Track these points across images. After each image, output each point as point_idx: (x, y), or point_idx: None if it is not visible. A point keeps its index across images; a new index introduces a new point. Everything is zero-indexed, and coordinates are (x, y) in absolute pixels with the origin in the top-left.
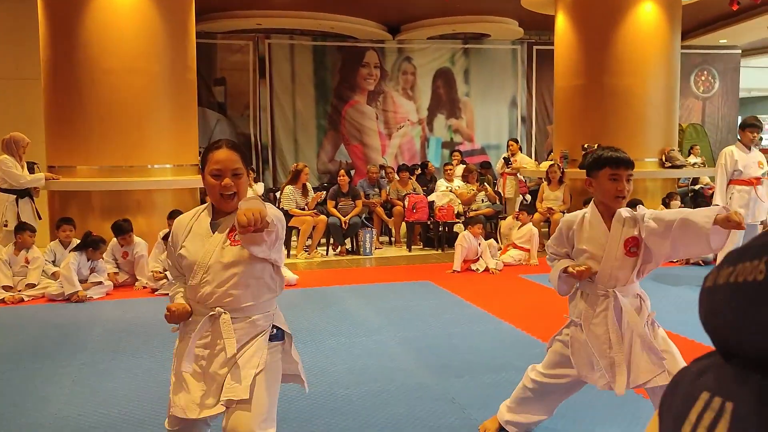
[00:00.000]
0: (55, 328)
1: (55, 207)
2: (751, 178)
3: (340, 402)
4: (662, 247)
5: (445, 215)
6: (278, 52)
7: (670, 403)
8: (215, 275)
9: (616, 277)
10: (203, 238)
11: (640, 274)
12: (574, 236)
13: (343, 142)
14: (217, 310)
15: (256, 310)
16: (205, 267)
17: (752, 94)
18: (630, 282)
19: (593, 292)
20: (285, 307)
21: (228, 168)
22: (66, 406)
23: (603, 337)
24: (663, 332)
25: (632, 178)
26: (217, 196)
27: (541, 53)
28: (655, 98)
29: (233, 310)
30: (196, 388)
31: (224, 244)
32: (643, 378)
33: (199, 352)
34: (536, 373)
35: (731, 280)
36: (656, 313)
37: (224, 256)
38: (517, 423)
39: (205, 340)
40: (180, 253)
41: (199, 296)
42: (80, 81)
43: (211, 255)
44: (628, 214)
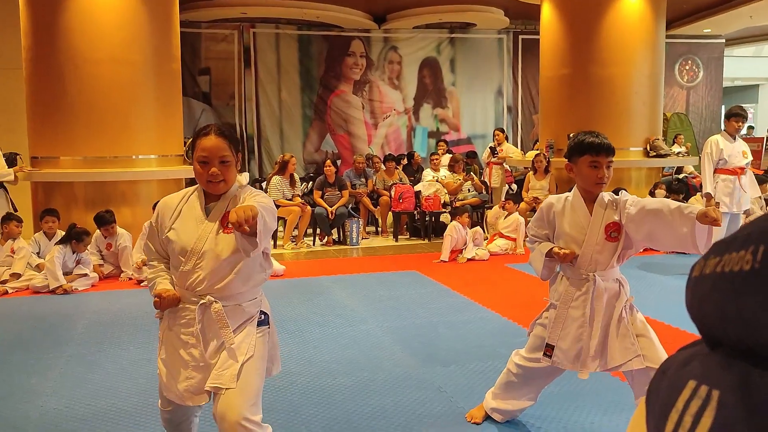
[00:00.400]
0: (41, 320)
1: (39, 198)
2: (735, 167)
3: (327, 391)
4: (638, 234)
5: (432, 205)
6: (263, 41)
7: (657, 391)
8: (208, 262)
9: (597, 261)
10: (196, 223)
11: (620, 260)
12: (555, 219)
13: (329, 132)
14: (208, 298)
15: (246, 297)
16: (198, 253)
17: (735, 84)
18: (610, 266)
19: (574, 276)
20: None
21: (215, 156)
22: (53, 399)
23: (580, 320)
24: (641, 317)
25: (612, 164)
26: (205, 182)
27: (527, 43)
28: (640, 87)
29: (223, 297)
30: (186, 375)
31: (218, 232)
32: (618, 361)
33: (189, 340)
34: (519, 357)
35: (718, 270)
36: (640, 300)
37: (218, 244)
38: (502, 410)
39: (195, 328)
40: (168, 236)
41: (189, 283)
42: (63, 70)
43: (204, 241)
44: (611, 198)
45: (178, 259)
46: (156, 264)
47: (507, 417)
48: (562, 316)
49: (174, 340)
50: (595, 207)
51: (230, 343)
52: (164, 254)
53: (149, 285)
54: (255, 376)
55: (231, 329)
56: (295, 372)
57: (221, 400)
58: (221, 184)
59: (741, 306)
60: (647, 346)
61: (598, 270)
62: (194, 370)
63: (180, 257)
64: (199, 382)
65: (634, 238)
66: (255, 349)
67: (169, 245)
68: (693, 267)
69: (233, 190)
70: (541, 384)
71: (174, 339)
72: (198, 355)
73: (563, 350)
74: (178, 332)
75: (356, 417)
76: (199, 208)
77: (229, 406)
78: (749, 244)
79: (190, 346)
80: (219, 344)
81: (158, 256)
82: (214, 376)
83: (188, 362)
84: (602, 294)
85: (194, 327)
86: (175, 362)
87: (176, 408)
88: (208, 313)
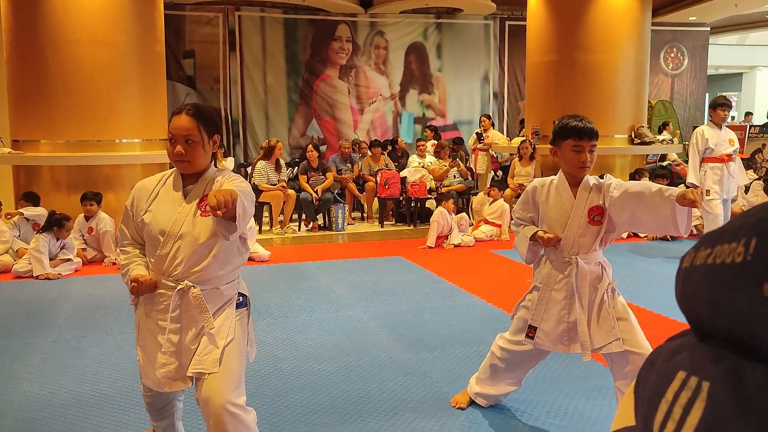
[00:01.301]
0: (24, 305)
1: (21, 182)
2: (722, 155)
3: (312, 377)
4: (620, 217)
5: (418, 191)
6: (248, 24)
7: (646, 381)
8: (186, 246)
9: (579, 244)
10: (174, 205)
11: (602, 243)
12: (539, 202)
13: (314, 117)
14: (185, 283)
15: (223, 280)
16: (175, 236)
17: (719, 72)
18: (593, 250)
19: (557, 259)
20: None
21: (180, 135)
22: (36, 384)
23: (563, 302)
24: (623, 300)
25: (596, 149)
26: (173, 161)
27: (514, 29)
28: (625, 75)
29: (200, 282)
30: (164, 362)
31: (195, 215)
32: (598, 343)
33: (166, 325)
34: (503, 340)
35: (708, 261)
36: (625, 286)
37: (196, 226)
38: (486, 395)
39: (173, 314)
40: (144, 218)
41: (166, 267)
42: (44, 52)
43: (181, 224)
44: (595, 182)
45: (155, 242)
46: (130, 250)
47: (491, 402)
48: (544, 298)
49: (151, 327)
50: (579, 191)
51: (210, 327)
52: (139, 239)
53: (123, 272)
54: (237, 360)
55: (210, 313)
56: (280, 357)
57: (204, 385)
58: (186, 164)
59: (732, 298)
60: (627, 329)
61: (580, 253)
62: (173, 356)
63: (158, 239)
64: (178, 368)
65: (617, 221)
66: (235, 331)
67: (145, 228)
68: (683, 258)
69: (211, 173)
70: (524, 368)
71: (151, 325)
72: (176, 341)
73: (545, 332)
74: (155, 318)
75: (341, 402)
76: (178, 189)
77: (213, 391)
78: (741, 236)
79: (168, 332)
80: (198, 329)
81: (132, 242)
82: (196, 362)
83: (166, 348)
84: (585, 277)
85: (172, 313)
86: (152, 349)
87: (157, 393)
88: (186, 299)
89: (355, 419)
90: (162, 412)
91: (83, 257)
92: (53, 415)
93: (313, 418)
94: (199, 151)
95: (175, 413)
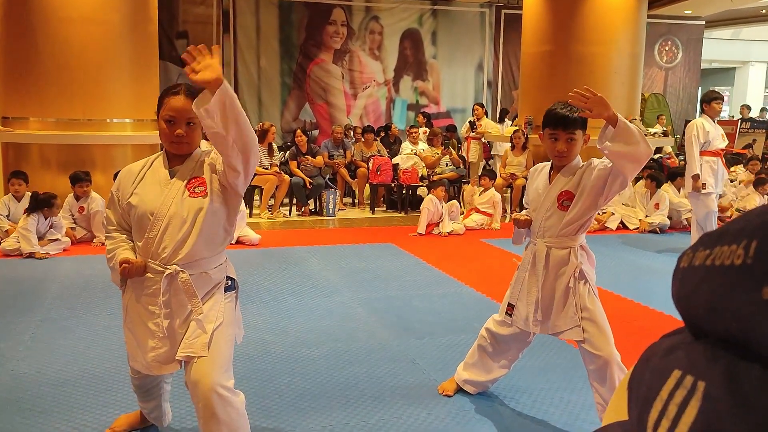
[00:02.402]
0: (11, 284)
1: (9, 160)
2: (717, 149)
3: (301, 362)
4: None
5: (409, 178)
6: (243, 5)
7: (641, 378)
8: (174, 227)
9: (545, 227)
10: (161, 186)
11: (575, 229)
12: (528, 185)
13: (307, 101)
14: (174, 268)
15: (211, 263)
16: (163, 217)
17: (713, 66)
18: (560, 234)
19: (531, 241)
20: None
21: (182, 117)
22: (23, 363)
23: (528, 283)
24: (592, 289)
25: (577, 138)
26: (169, 142)
27: (509, 18)
28: (619, 67)
29: (188, 266)
30: (153, 345)
31: (183, 196)
32: (559, 328)
33: (155, 310)
34: (491, 321)
35: (707, 262)
36: (613, 277)
37: (183, 207)
38: (474, 381)
39: (163, 298)
40: (130, 201)
41: (154, 250)
42: (35, 29)
43: (169, 205)
44: (582, 166)
45: (143, 223)
46: (116, 235)
47: (479, 389)
48: (520, 278)
49: (140, 311)
50: (558, 176)
51: (198, 313)
52: (126, 225)
53: (108, 256)
54: (225, 343)
55: (199, 298)
56: (269, 341)
57: (194, 368)
58: (185, 146)
59: (731, 300)
60: (591, 327)
61: (546, 236)
62: (161, 341)
63: (146, 221)
64: (167, 351)
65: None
66: (224, 315)
67: (132, 210)
68: (680, 257)
69: (197, 153)
70: (511, 352)
71: (141, 310)
72: (166, 326)
73: (518, 310)
74: (144, 303)
75: (330, 387)
76: (164, 171)
77: (202, 374)
78: (741, 239)
79: (156, 317)
80: (187, 313)
81: (118, 228)
82: (185, 345)
83: (155, 332)
84: (541, 259)
85: (161, 297)
86: (142, 333)
87: (145, 375)
88: (175, 284)
89: (343, 405)
90: (149, 393)
91: (72, 236)
92: (40, 394)
93: (301, 402)
94: (198, 132)
95: (162, 395)
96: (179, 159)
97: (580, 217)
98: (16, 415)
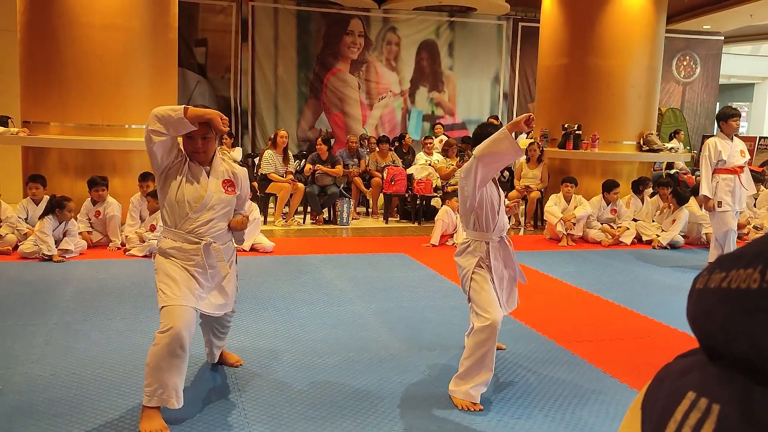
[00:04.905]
0: (27, 286)
1: (29, 163)
2: (734, 166)
3: (313, 370)
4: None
5: (423, 189)
6: (262, 15)
7: (655, 398)
8: (215, 213)
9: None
10: (203, 179)
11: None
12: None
13: (323, 111)
14: (207, 239)
15: (227, 237)
16: (208, 206)
17: (731, 81)
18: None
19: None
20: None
21: (198, 134)
22: (37, 366)
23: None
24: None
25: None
26: (189, 152)
27: (527, 30)
28: (637, 81)
29: (217, 238)
30: (198, 292)
31: (220, 191)
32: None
33: (191, 269)
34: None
35: (723, 285)
36: (625, 293)
37: (222, 200)
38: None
39: (202, 261)
40: (179, 179)
41: (195, 228)
42: (57, 34)
43: (213, 197)
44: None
45: (186, 207)
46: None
47: (484, 389)
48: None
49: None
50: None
51: (225, 272)
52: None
53: (170, 111)
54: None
55: (225, 261)
56: (281, 349)
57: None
58: (202, 155)
59: (747, 323)
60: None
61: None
62: (202, 290)
63: (191, 204)
64: (204, 296)
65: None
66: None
67: (181, 190)
68: (696, 279)
69: (218, 159)
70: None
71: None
72: (203, 281)
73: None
74: (185, 265)
75: (341, 397)
76: (201, 170)
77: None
78: (758, 263)
79: (196, 276)
80: (216, 272)
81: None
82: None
83: (201, 283)
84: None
85: (200, 260)
86: (189, 285)
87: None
88: (209, 251)
89: (354, 415)
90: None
91: (89, 240)
92: (54, 397)
93: (312, 411)
94: (213, 144)
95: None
96: (206, 163)
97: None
98: (29, 417)
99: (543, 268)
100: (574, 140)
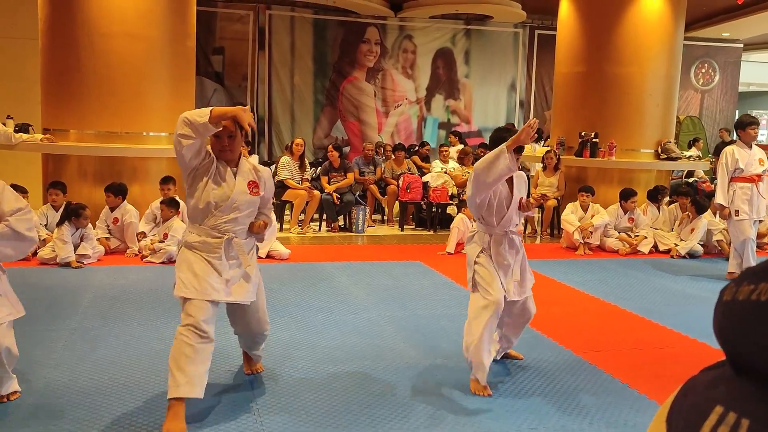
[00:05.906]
0: (46, 292)
1: (49, 170)
2: (752, 175)
3: (328, 378)
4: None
5: (439, 196)
6: (278, 23)
7: (680, 411)
8: (239, 212)
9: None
10: (230, 180)
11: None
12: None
13: (339, 118)
14: (229, 234)
15: (245, 234)
16: (234, 206)
17: (751, 89)
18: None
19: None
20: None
21: (224, 132)
22: (56, 371)
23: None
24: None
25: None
26: (217, 151)
27: (543, 38)
28: (654, 89)
29: (239, 233)
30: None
31: (245, 192)
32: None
33: (213, 261)
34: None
35: (753, 297)
36: (643, 302)
37: (247, 200)
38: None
39: (225, 254)
40: (207, 179)
41: (220, 224)
42: (78, 43)
43: (239, 197)
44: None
45: (212, 206)
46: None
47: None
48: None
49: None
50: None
51: (247, 265)
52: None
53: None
54: (263, 294)
55: (247, 255)
56: (296, 357)
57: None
58: (229, 153)
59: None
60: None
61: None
62: (224, 283)
63: (218, 204)
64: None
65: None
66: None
67: (206, 190)
68: (723, 291)
69: (243, 160)
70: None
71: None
72: (225, 274)
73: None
74: (208, 258)
75: (356, 405)
76: (228, 171)
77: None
78: None
79: (218, 268)
80: (239, 265)
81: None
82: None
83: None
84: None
85: (221, 253)
86: (210, 276)
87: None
88: (231, 246)
89: (368, 423)
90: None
91: (107, 246)
92: (73, 403)
93: (326, 419)
94: (239, 142)
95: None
96: (233, 162)
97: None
98: (49, 422)
99: (560, 276)
100: (591, 148)
